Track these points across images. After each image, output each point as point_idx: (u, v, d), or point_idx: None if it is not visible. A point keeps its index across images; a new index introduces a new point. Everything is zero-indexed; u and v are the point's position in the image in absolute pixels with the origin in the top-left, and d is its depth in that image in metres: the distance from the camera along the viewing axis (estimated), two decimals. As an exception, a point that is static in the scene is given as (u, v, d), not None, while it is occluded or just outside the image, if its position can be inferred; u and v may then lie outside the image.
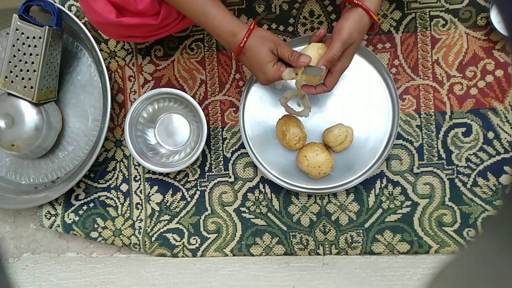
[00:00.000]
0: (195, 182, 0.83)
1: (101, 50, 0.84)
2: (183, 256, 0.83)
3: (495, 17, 0.72)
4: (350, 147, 0.75)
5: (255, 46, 0.61)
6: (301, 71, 0.61)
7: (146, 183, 0.84)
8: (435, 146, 0.77)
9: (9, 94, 0.78)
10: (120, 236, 0.84)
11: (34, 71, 0.76)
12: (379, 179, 0.77)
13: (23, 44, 0.75)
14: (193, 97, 0.82)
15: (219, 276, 0.74)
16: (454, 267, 0.28)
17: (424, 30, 0.77)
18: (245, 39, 0.60)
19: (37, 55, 0.75)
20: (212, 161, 0.82)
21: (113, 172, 0.85)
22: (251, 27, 0.61)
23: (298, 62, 0.60)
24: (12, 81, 0.77)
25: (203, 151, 0.82)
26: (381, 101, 0.75)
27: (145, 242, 0.83)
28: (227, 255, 0.82)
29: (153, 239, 0.83)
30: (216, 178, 0.82)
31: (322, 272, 0.73)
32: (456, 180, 0.76)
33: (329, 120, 0.76)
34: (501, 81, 0.75)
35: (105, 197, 0.85)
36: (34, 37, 0.75)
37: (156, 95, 0.79)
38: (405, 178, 0.77)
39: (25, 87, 0.77)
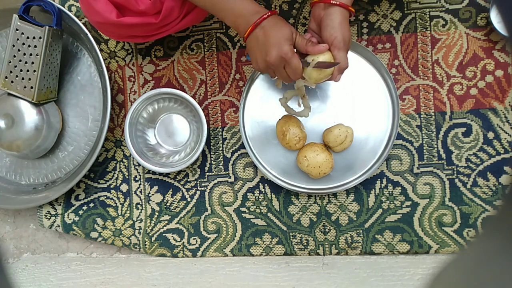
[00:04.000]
0: (195, 182, 0.83)
1: (101, 50, 0.84)
2: (183, 256, 0.83)
3: (495, 17, 0.72)
4: (350, 147, 0.75)
5: (277, 23, 0.60)
6: (313, 65, 0.60)
7: (146, 183, 0.84)
8: (435, 146, 0.77)
9: (9, 94, 0.78)
10: (120, 236, 0.84)
11: (34, 71, 0.76)
12: (379, 179, 0.77)
13: (23, 44, 0.75)
14: (193, 97, 0.82)
15: (219, 276, 0.74)
16: (454, 267, 0.28)
17: (424, 30, 0.77)
18: (269, 13, 0.60)
19: (37, 55, 0.75)
20: (212, 161, 0.82)
21: (113, 172, 0.85)
22: (274, 10, 0.61)
23: (316, 48, 0.60)
24: (12, 81, 0.77)
25: (203, 151, 0.82)
26: (381, 101, 0.75)
27: (145, 242, 0.83)
28: (227, 255, 0.82)
29: (153, 239, 0.83)
30: (216, 178, 0.82)
31: (322, 272, 0.73)
32: (456, 180, 0.76)
33: (329, 120, 0.76)
34: (501, 81, 0.75)
35: (105, 197, 0.85)
36: (34, 37, 0.75)
37: (156, 95, 0.79)
38: (405, 178, 0.77)
39: (25, 87, 0.77)
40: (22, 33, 0.75)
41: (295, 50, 0.61)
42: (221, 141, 0.82)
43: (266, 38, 0.60)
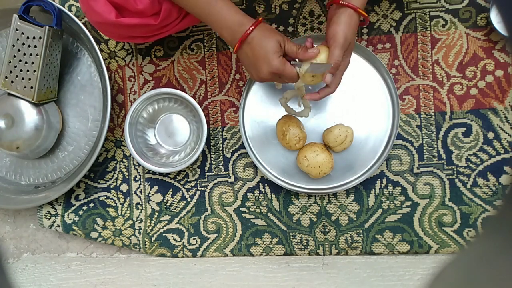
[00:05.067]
0: (195, 182, 0.83)
1: (101, 50, 0.84)
2: (183, 256, 0.83)
3: (495, 17, 0.72)
4: (350, 147, 0.75)
5: (263, 36, 0.59)
6: (305, 70, 0.60)
7: (146, 183, 0.84)
8: (435, 146, 0.77)
9: (9, 94, 0.78)
10: (120, 236, 0.84)
11: (34, 71, 0.76)
12: (379, 179, 0.77)
13: (23, 44, 0.75)
14: (193, 97, 0.82)
15: (219, 276, 0.74)
16: (454, 267, 0.28)
17: (424, 30, 0.77)
18: (252, 27, 0.59)
19: (37, 55, 0.75)
20: (212, 161, 0.82)
21: (113, 172, 0.85)
22: (260, 19, 0.61)
23: (306, 54, 0.59)
24: (12, 81, 0.77)
25: (203, 151, 0.82)
26: (381, 101, 0.75)
27: (145, 242, 0.83)
28: (227, 255, 0.82)
29: (153, 239, 0.83)
30: (216, 178, 0.82)
31: (322, 272, 0.73)
32: (456, 180, 0.76)
33: (329, 120, 0.76)
34: (501, 81, 0.75)
35: (105, 197, 0.85)
36: (34, 37, 0.75)
37: (156, 95, 0.79)
38: (405, 178, 0.77)
39: (25, 87, 0.77)
40: (22, 33, 0.75)
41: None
42: (221, 141, 0.82)
43: (254, 54, 0.60)
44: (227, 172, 0.82)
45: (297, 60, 0.62)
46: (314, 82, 0.63)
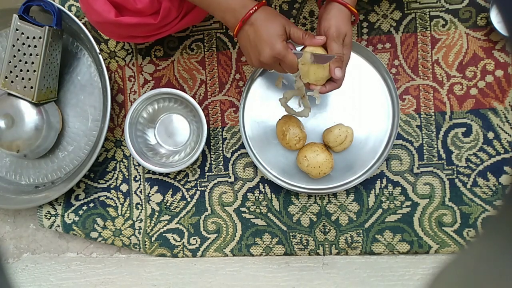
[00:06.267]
0: (195, 182, 0.83)
1: (101, 50, 0.84)
2: (183, 256, 0.83)
3: (495, 17, 0.72)
4: (350, 147, 0.75)
5: (267, 17, 0.58)
6: (309, 63, 0.60)
7: (146, 183, 0.84)
8: (435, 146, 0.77)
9: (9, 94, 0.78)
10: (120, 236, 0.84)
11: (34, 71, 0.76)
12: (379, 179, 0.77)
13: (23, 44, 0.75)
14: (193, 97, 0.82)
15: (219, 276, 0.74)
16: (454, 267, 0.28)
17: (424, 30, 0.77)
18: (256, 7, 0.57)
19: (37, 55, 0.75)
20: (212, 161, 0.82)
21: (113, 172, 0.85)
22: (263, 1, 0.59)
23: (313, 40, 0.58)
24: (12, 81, 0.77)
25: (203, 151, 0.82)
26: (381, 101, 0.75)
27: (145, 242, 0.83)
28: (227, 255, 0.82)
29: (153, 239, 0.83)
30: (216, 178, 0.82)
31: (322, 272, 0.73)
32: (456, 180, 0.76)
33: (329, 120, 0.76)
34: (501, 81, 0.75)
35: (105, 197, 0.85)
36: (34, 37, 0.75)
37: (156, 95, 0.79)
38: (405, 178, 0.77)
39: (25, 87, 0.77)
40: (22, 33, 0.75)
41: (289, 40, 0.60)
42: (221, 141, 0.82)
43: (256, 35, 0.58)
44: (227, 172, 0.82)
45: (299, 51, 0.62)
46: (316, 78, 0.62)
